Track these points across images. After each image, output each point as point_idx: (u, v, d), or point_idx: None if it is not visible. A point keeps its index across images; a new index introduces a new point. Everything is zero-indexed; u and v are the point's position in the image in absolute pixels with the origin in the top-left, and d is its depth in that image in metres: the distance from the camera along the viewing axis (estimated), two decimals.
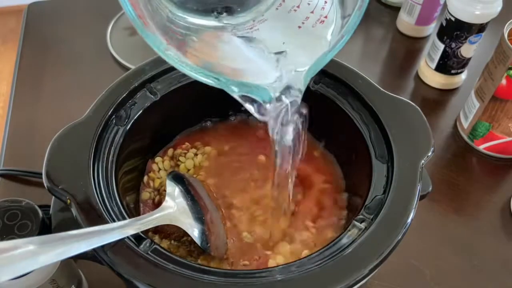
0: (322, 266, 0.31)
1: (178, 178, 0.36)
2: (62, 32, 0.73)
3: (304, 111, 0.31)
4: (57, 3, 0.77)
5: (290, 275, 0.30)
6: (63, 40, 0.72)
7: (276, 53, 0.31)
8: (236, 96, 0.29)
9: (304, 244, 0.38)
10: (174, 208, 0.33)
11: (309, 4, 0.31)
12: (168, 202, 0.34)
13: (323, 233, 0.39)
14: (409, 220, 0.32)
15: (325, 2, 0.31)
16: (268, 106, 0.29)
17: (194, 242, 0.35)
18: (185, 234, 0.35)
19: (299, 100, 0.30)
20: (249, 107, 0.30)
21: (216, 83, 0.28)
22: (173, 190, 0.35)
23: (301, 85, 0.29)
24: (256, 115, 0.30)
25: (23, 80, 0.66)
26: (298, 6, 0.32)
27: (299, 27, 0.32)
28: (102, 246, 0.30)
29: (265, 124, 0.31)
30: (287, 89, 0.30)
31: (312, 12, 0.31)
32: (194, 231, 0.33)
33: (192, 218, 0.33)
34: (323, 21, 0.31)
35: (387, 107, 0.39)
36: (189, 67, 0.27)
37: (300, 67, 0.30)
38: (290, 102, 0.29)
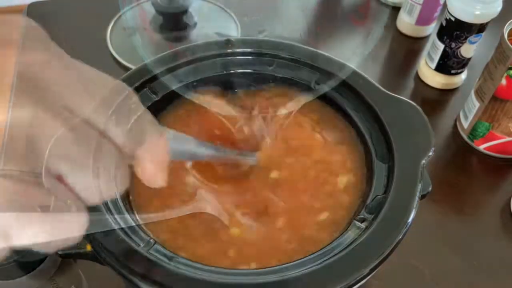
0: (322, 265, 0.31)
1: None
2: (62, 32, 0.73)
3: None
4: (57, 3, 0.77)
5: (290, 274, 0.30)
6: (63, 40, 0.71)
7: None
8: None
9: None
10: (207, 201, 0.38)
11: None
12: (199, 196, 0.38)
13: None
14: (409, 220, 0.32)
15: None
16: None
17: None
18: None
19: None
20: None
21: None
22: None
23: None
24: None
25: None
26: None
27: None
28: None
29: None
30: None
31: None
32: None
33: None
34: None
35: (387, 106, 0.39)
36: None
37: None
38: None
